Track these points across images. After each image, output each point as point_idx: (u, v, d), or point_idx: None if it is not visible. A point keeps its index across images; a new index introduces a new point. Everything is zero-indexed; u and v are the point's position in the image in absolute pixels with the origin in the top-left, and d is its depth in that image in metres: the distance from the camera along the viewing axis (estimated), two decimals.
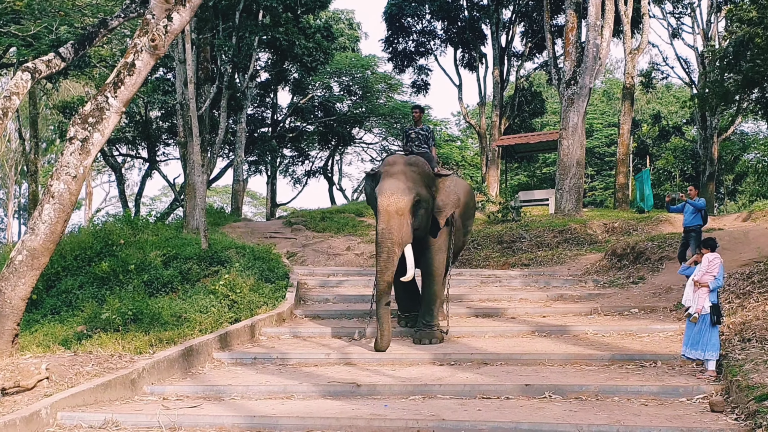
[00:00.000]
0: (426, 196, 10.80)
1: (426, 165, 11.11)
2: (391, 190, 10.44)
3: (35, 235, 9.34)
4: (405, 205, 10.39)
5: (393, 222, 10.31)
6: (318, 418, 7.21)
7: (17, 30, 20.35)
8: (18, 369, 8.55)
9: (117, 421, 7.54)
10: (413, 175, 10.77)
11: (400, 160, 11.02)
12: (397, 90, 43.84)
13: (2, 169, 49.17)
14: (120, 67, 9.66)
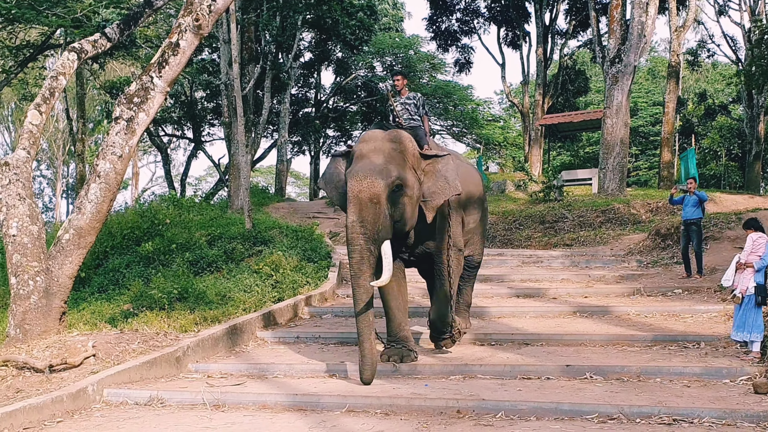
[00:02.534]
0: (410, 180, 8.24)
1: (411, 141, 8.54)
2: (364, 172, 7.92)
3: (82, 214, 9.49)
4: (381, 191, 7.84)
5: (366, 212, 7.80)
6: (359, 396, 7.26)
7: (64, 12, 20.58)
8: (65, 346, 8.71)
9: (162, 398, 7.66)
10: (394, 153, 8.23)
11: (378, 135, 8.45)
12: (440, 69, 43.67)
13: (50, 149, 49.89)
14: (164, 47, 9.74)
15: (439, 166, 8.62)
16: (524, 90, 39.78)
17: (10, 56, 28.34)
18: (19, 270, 9.35)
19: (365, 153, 8.26)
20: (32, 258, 9.38)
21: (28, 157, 9.92)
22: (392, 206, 8.07)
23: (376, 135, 8.48)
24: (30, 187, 9.79)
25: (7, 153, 47.89)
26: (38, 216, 9.67)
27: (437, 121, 47.75)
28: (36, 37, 28.51)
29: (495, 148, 50.08)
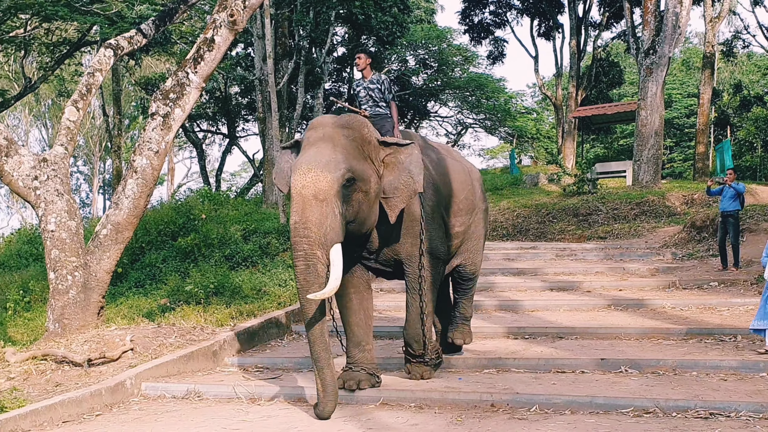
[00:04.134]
0: (366, 173, 6.98)
1: (368, 127, 7.25)
2: (308, 165, 6.68)
3: (119, 209, 9.60)
4: (328, 186, 6.60)
5: (310, 212, 6.54)
6: (393, 390, 7.30)
7: (100, 8, 20.78)
8: (103, 340, 8.83)
9: (199, 391, 7.74)
10: (345, 142, 6.98)
11: (328, 120, 7.22)
12: (472, 62, 43.58)
13: (87, 145, 50.42)
14: (200, 43, 9.82)
15: (402, 157, 7.28)
16: (557, 82, 39.57)
17: (47, 53, 28.63)
18: (57, 265, 9.48)
19: (312, 142, 7.01)
20: (70, 253, 9.51)
21: (66, 153, 10.06)
22: (344, 204, 6.75)
23: (326, 121, 7.21)
24: (68, 183, 9.93)
25: (44, 149, 48.50)
26: (76, 211, 9.80)
27: (470, 114, 47.63)
28: (72, 33, 28.79)
29: (528, 141, 49.89)
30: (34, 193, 9.64)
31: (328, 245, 6.61)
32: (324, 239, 6.58)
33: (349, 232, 6.91)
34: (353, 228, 6.97)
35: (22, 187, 9.67)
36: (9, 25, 24.50)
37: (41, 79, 29.38)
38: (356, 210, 6.91)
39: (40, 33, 26.79)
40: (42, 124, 51.91)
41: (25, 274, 16.55)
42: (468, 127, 50.34)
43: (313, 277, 6.54)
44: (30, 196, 9.70)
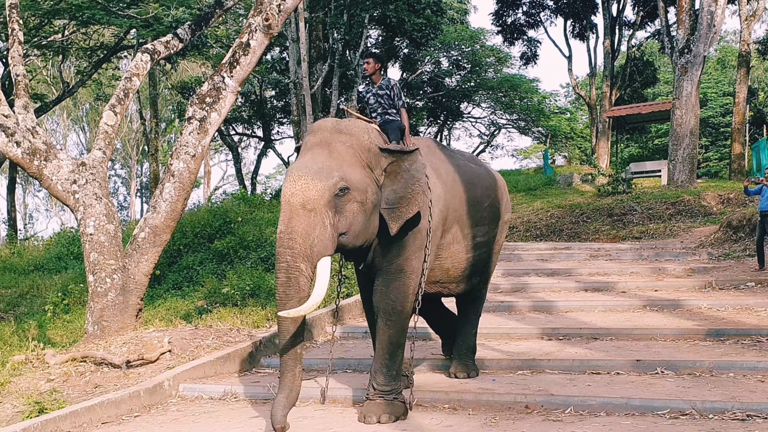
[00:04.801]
0: (362, 182, 6.42)
1: (368, 133, 6.72)
2: (299, 172, 6.25)
3: (157, 212, 9.72)
4: (317, 195, 6.13)
5: (297, 222, 6.10)
6: (426, 391, 7.30)
7: (136, 12, 21.02)
8: (142, 342, 8.93)
9: (236, 392, 7.82)
10: (342, 148, 6.50)
11: (328, 125, 6.73)
12: (505, 63, 43.49)
13: (124, 149, 50.92)
14: (235, 47, 9.90)
15: (406, 165, 6.71)
16: (591, 82, 39.39)
17: (84, 57, 29.04)
18: (96, 268, 9.61)
19: (308, 147, 6.59)
20: (109, 256, 9.64)
21: (104, 157, 10.20)
22: (336, 215, 6.25)
23: (325, 125, 6.73)
24: (106, 186, 10.06)
25: (82, 153, 49.06)
26: (114, 215, 9.93)
27: (503, 115, 47.52)
28: (109, 38, 29.15)
29: (561, 141, 49.67)
30: (73, 197, 9.78)
31: (314, 258, 6.12)
32: (309, 251, 6.09)
33: (342, 244, 6.39)
34: (346, 241, 6.39)
35: (61, 191, 9.81)
36: (47, 30, 24.88)
37: (79, 83, 29.78)
38: (350, 221, 6.34)
39: (77, 38, 27.19)
40: (80, 128, 52.52)
41: (64, 276, 16.77)
42: (501, 128, 50.24)
43: (293, 291, 6.04)
44: (69, 200, 9.84)
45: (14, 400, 7.70)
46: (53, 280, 16.51)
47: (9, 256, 20.84)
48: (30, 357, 9.02)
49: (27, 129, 10.00)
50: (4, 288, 16.92)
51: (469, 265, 7.68)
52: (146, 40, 20.92)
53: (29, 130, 10.00)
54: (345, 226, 6.32)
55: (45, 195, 53.87)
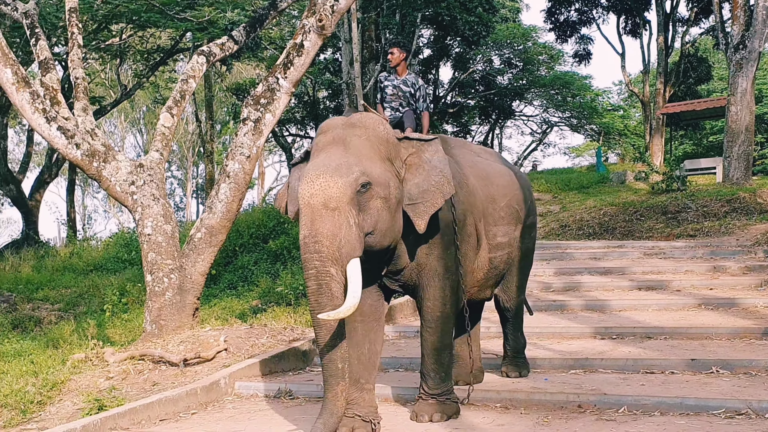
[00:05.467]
0: (383, 176, 5.90)
1: (383, 124, 6.21)
2: (316, 172, 5.73)
3: (212, 213, 9.86)
4: (339, 193, 5.63)
5: (321, 223, 5.60)
6: (478, 390, 7.27)
7: (192, 15, 21.30)
8: (198, 341, 9.07)
9: (290, 390, 7.90)
10: (358, 142, 5.97)
11: (337, 122, 6.18)
12: (558, 60, 43.24)
13: (180, 150, 51.54)
14: (289, 48, 9.98)
15: (427, 155, 6.22)
16: (645, 79, 38.99)
17: (141, 61, 29.48)
18: (154, 268, 9.78)
19: (321, 147, 6.02)
20: (166, 256, 9.80)
21: (161, 158, 10.37)
22: (360, 213, 5.74)
23: (336, 122, 6.19)
24: (163, 187, 10.23)
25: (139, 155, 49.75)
26: (171, 215, 10.10)
27: (555, 113, 47.22)
28: (166, 41, 29.57)
29: (614, 138, 49.21)
30: (131, 198, 9.96)
31: (343, 261, 5.61)
32: (338, 254, 5.59)
33: (368, 246, 5.83)
34: (373, 241, 5.85)
35: (119, 192, 10.00)
36: (105, 34, 25.31)
37: (136, 86, 30.25)
38: (375, 219, 5.81)
39: (134, 41, 27.61)
40: (137, 130, 53.30)
41: (122, 276, 17.06)
42: (553, 126, 49.94)
43: (326, 299, 5.57)
44: (127, 201, 10.02)
45: (74, 397, 7.86)
46: (111, 280, 16.79)
47: (68, 256, 21.25)
48: (90, 355, 9.19)
49: (86, 131, 10.21)
50: (64, 288, 17.26)
51: (492, 267, 7.23)
52: (202, 43, 21.20)
53: (88, 132, 10.21)
54: (371, 224, 5.79)
55: (103, 196, 54.76)
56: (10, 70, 9.95)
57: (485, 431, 6.25)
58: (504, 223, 7.24)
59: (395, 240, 6.09)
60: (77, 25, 11.13)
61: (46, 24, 19.16)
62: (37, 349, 10.65)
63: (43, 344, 11.23)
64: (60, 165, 30.40)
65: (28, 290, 17.11)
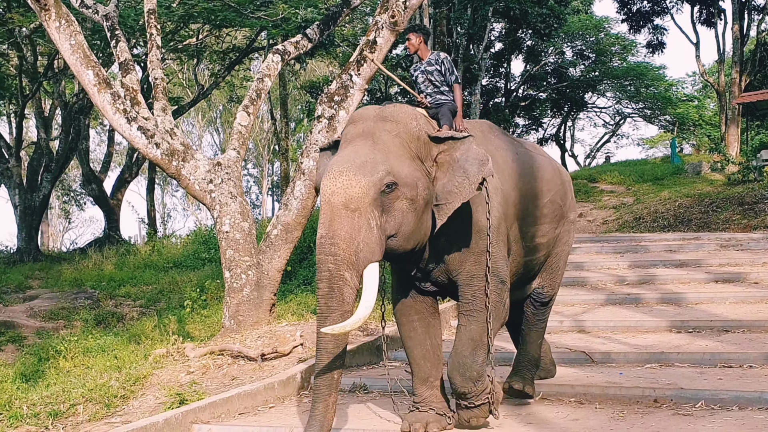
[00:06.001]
0: (411, 176, 5.57)
1: (416, 120, 5.85)
2: (339, 168, 5.44)
3: (288, 210, 10.01)
4: (361, 193, 5.34)
5: (339, 224, 5.32)
6: (552, 385, 7.31)
7: (267, 14, 21.56)
8: (275, 336, 9.22)
9: (365, 384, 7.99)
10: (387, 138, 5.65)
11: (370, 113, 5.85)
12: (630, 51, 42.61)
13: (256, 148, 52.10)
14: (362, 45, 10.06)
15: (458, 154, 5.81)
16: (720, 68, 38.21)
17: (217, 60, 29.92)
18: (232, 264, 9.97)
19: (349, 139, 5.76)
20: (244, 253, 9.98)
21: (238, 156, 10.56)
22: (383, 215, 5.44)
23: (368, 113, 5.86)
24: (240, 185, 10.42)
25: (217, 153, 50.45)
26: (248, 213, 10.27)
27: (629, 104, 46.54)
28: (241, 41, 29.96)
29: (689, 129, 48.31)
30: (209, 196, 10.16)
31: (360, 265, 5.34)
32: (355, 257, 5.32)
33: (391, 248, 5.55)
34: (395, 244, 5.56)
35: (198, 190, 10.21)
36: (182, 35, 25.77)
37: (213, 85, 30.70)
38: (399, 222, 5.50)
39: (211, 41, 28.03)
40: (214, 129, 54.02)
41: (200, 273, 17.38)
42: (626, 117, 49.25)
43: (336, 303, 5.29)
44: (205, 199, 10.23)
45: (156, 391, 8.05)
46: (191, 277, 17.12)
47: (149, 254, 21.70)
48: (171, 350, 9.40)
49: (165, 131, 10.45)
50: (145, 284, 17.65)
51: (528, 269, 6.82)
52: (276, 41, 21.47)
53: (167, 132, 10.44)
54: (393, 227, 5.49)
55: (182, 195, 55.59)
56: (91, 72, 10.24)
57: (559, 426, 6.23)
58: (545, 221, 6.80)
59: (421, 243, 5.79)
60: (156, 27, 11.37)
61: (126, 26, 19.58)
62: (120, 345, 10.94)
63: (125, 340, 11.52)
64: (140, 164, 31.01)
65: (111, 287, 17.55)
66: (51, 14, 10.12)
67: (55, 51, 22.46)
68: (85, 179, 30.62)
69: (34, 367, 10.59)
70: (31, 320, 15.55)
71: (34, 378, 9.91)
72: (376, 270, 5.42)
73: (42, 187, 25.95)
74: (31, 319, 15.58)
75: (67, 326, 14.61)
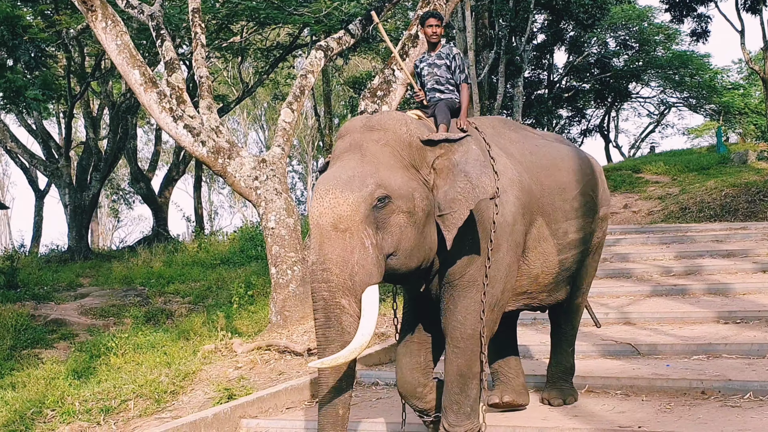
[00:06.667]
0: (405, 187, 5.08)
1: (405, 125, 5.32)
2: (327, 186, 4.97)
3: None
4: (350, 211, 4.87)
5: (330, 247, 4.85)
6: (598, 377, 7.29)
7: (309, 11, 21.69)
8: None
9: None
10: (375, 148, 5.17)
11: (356, 125, 5.39)
12: (674, 40, 42.14)
13: (301, 145, 52.34)
14: (404, 39, 10.14)
15: (456, 157, 5.29)
16: (765, 56, 37.66)
17: (262, 58, 30.12)
18: (278, 260, 10.08)
19: (338, 155, 5.30)
20: (289, 249, 10.08)
21: (283, 153, 10.67)
22: (378, 232, 4.95)
23: (354, 125, 5.41)
24: (285, 182, 10.52)
25: (261, 150, 50.78)
26: (294, 209, 10.38)
27: (673, 93, 46.02)
28: (284, 38, 30.12)
29: (735, 117, 47.65)
30: (255, 193, 10.28)
31: (356, 289, 4.83)
32: (351, 282, 4.82)
33: (391, 269, 5.05)
34: (396, 263, 5.05)
35: (243, 187, 10.33)
36: (226, 33, 25.99)
37: (257, 83, 30.93)
38: (397, 238, 5.00)
39: (255, 39, 28.22)
40: (259, 126, 54.31)
41: (247, 269, 17.53)
42: (671, 107, 48.68)
43: (334, 333, 4.81)
44: (251, 196, 10.35)
45: (205, 387, 8.20)
46: (238, 273, 17.27)
47: (196, 251, 21.92)
48: (219, 346, 9.55)
49: (211, 128, 10.58)
50: (193, 281, 17.84)
51: (563, 269, 6.22)
52: (319, 37, 21.58)
53: (213, 130, 10.58)
54: (392, 245, 4.99)
55: (228, 192, 55.98)
56: (138, 72, 10.41)
57: (605, 419, 6.23)
58: (578, 215, 6.23)
59: (426, 259, 5.27)
60: (200, 25, 11.51)
61: (170, 25, 19.78)
62: (169, 341, 11.10)
63: (174, 336, 11.69)
64: (187, 162, 31.30)
65: (160, 284, 17.76)
66: (97, 15, 10.31)
67: (102, 51, 22.78)
68: (133, 178, 30.99)
69: (85, 364, 10.76)
70: (82, 317, 15.81)
71: (85, 375, 10.08)
72: (375, 294, 4.88)
73: (91, 186, 26.32)
74: (83, 317, 15.84)
75: (117, 323, 14.82)
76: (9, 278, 18.16)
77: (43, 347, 13.62)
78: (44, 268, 21.61)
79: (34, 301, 16.68)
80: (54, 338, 14.19)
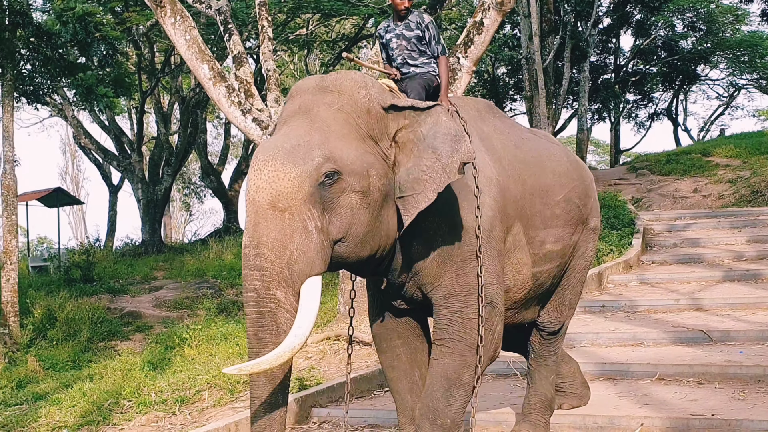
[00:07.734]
0: (360, 161, 4.26)
1: (363, 89, 4.44)
2: (266, 156, 4.14)
3: None
4: (292, 188, 4.06)
5: (266, 230, 4.03)
6: (669, 365, 7.23)
7: (374, 2, 21.80)
8: None
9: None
10: (327, 113, 4.34)
11: (308, 85, 4.52)
12: (743, 21, 41.30)
13: None
14: (469, 27, 10.10)
15: (423, 129, 4.46)
16: None
17: (327, 50, 30.34)
18: None
19: (284, 119, 4.47)
20: None
21: None
22: (325, 213, 4.15)
23: (307, 85, 4.55)
24: None
25: None
26: None
27: (743, 75, 45.08)
28: (350, 29, 30.29)
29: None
30: None
31: (295, 280, 4.05)
32: (288, 271, 4.03)
33: (340, 257, 4.27)
34: (345, 251, 4.28)
35: None
36: (292, 26, 26.24)
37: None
38: (347, 222, 4.21)
39: (320, 31, 28.43)
40: None
41: None
42: (741, 89, 47.70)
43: (268, 333, 4.02)
44: None
45: None
46: None
47: None
48: None
49: None
50: None
51: (537, 283, 5.31)
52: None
53: None
54: (340, 229, 4.21)
55: None
56: (207, 66, 10.57)
57: (677, 407, 6.18)
58: (558, 224, 5.35)
59: (382, 247, 4.45)
60: (267, 19, 11.61)
61: (237, 19, 20.04)
62: (241, 332, 11.26)
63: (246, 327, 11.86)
64: None
65: (231, 276, 18.04)
66: (166, 11, 10.49)
67: (171, 47, 23.14)
68: (203, 172, 31.48)
69: (160, 355, 11.02)
70: (156, 310, 16.19)
71: (160, 366, 10.32)
72: (316, 286, 4.11)
73: (163, 180, 26.83)
74: (157, 309, 16.22)
75: (190, 315, 15.14)
76: (85, 272, 18.64)
77: (119, 339, 13.98)
78: (119, 262, 22.16)
79: (110, 295, 17.12)
80: (129, 330, 14.56)
